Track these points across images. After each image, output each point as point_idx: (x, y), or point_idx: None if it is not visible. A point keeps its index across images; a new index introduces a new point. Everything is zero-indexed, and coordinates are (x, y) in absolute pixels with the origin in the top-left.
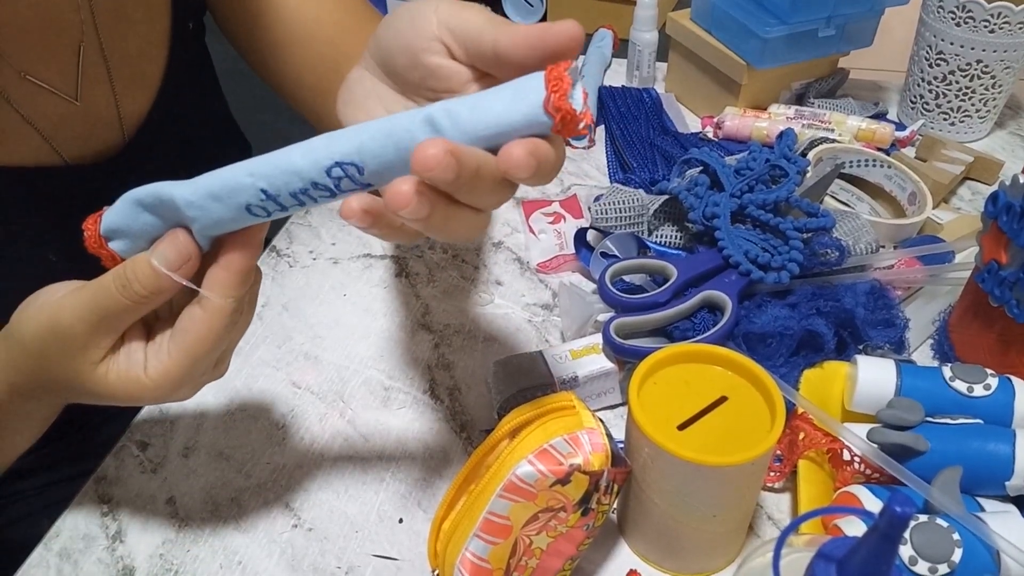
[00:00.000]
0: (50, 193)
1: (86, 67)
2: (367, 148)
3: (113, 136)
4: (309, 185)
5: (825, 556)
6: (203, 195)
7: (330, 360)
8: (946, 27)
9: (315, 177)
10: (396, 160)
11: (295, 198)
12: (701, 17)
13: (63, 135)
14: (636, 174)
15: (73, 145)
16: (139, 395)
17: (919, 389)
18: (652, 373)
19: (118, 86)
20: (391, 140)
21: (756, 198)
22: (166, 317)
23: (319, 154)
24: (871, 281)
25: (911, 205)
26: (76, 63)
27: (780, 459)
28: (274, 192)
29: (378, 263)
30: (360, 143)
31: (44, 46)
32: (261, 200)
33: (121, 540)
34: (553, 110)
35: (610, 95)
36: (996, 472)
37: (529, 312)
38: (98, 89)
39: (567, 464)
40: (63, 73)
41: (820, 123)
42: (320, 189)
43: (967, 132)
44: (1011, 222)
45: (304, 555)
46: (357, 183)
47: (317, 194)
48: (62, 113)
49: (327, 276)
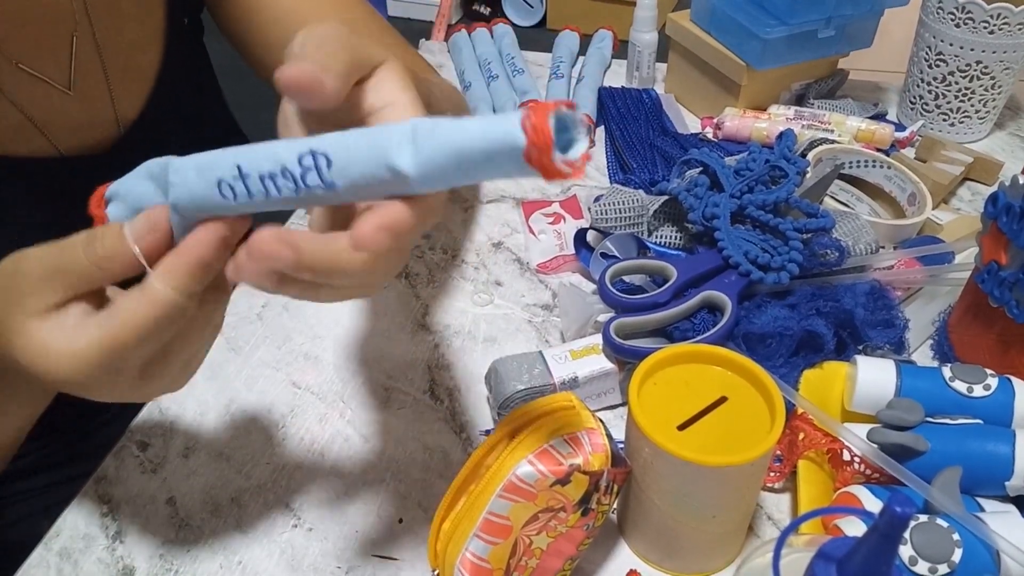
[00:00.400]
0: (46, 185)
1: (79, 58)
2: (341, 142)
3: (108, 128)
4: (278, 170)
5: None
6: (191, 164)
7: (330, 361)
8: (946, 28)
9: (286, 161)
10: (367, 158)
11: (262, 183)
12: (701, 18)
13: (57, 126)
14: (636, 175)
15: (68, 136)
16: (44, 367)
17: (919, 389)
18: (652, 373)
19: (112, 78)
20: (366, 138)
21: (756, 199)
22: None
23: (299, 143)
24: (871, 282)
25: (911, 206)
26: (69, 54)
27: (780, 459)
28: (246, 170)
29: None
30: (338, 138)
31: (38, 36)
32: (233, 177)
33: (121, 540)
34: (530, 128)
35: (610, 96)
36: (996, 472)
37: (529, 312)
38: (92, 80)
39: (567, 464)
40: (57, 63)
41: (820, 124)
42: (286, 178)
43: (967, 133)
44: (1011, 223)
45: (304, 555)
46: (323, 180)
47: (283, 184)
48: (56, 104)
49: None
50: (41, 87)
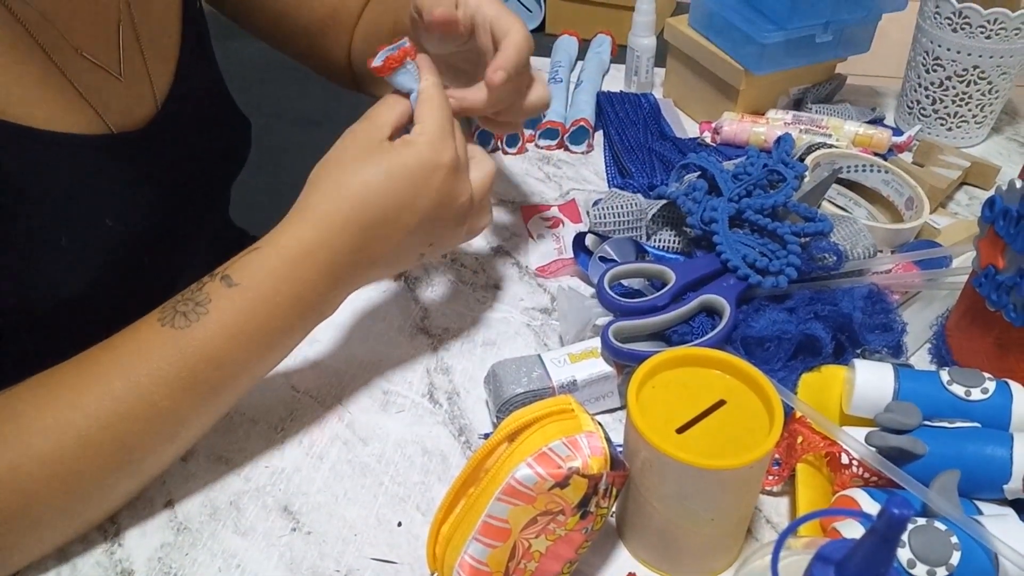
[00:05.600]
0: (103, 161)
1: (125, 44)
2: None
3: (148, 107)
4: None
5: (823, 558)
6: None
7: (329, 364)
8: (943, 33)
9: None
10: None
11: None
12: (699, 23)
13: (109, 106)
14: (634, 179)
15: (117, 116)
16: (416, 153)
17: (917, 393)
18: (651, 377)
19: (148, 61)
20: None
21: (754, 203)
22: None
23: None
24: (869, 285)
25: (908, 210)
26: (117, 41)
27: (778, 463)
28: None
29: None
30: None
31: (92, 26)
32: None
33: (120, 543)
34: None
35: (608, 100)
36: (994, 476)
37: (528, 316)
38: (135, 64)
39: (566, 467)
40: (108, 50)
41: (818, 128)
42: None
43: (964, 137)
44: (1008, 227)
45: (303, 559)
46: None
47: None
48: (110, 87)
49: None
50: (99, 73)
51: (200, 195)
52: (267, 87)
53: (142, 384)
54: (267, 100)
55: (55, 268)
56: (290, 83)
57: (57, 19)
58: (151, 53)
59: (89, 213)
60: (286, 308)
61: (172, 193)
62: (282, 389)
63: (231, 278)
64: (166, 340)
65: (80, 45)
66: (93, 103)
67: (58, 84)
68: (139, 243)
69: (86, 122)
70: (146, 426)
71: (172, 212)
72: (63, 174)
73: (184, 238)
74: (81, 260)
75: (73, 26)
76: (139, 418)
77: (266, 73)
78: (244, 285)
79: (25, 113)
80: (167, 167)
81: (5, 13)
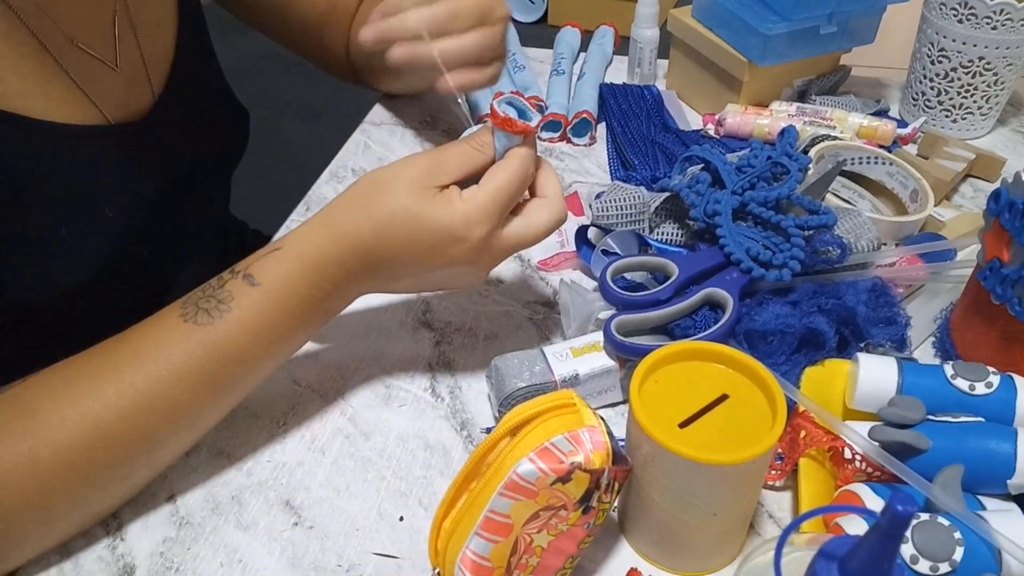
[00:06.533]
0: (101, 152)
1: (120, 35)
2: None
3: (145, 99)
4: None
5: (826, 555)
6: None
7: (331, 358)
8: (948, 24)
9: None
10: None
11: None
12: (702, 14)
13: (106, 98)
14: (637, 171)
15: (114, 107)
16: (450, 217)
17: (921, 387)
18: (653, 371)
19: (145, 54)
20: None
21: (757, 195)
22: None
23: None
24: (873, 279)
25: (913, 203)
26: (113, 32)
27: (781, 457)
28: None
29: None
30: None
31: (87, 17)
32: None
33: (122, 538)
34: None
35: (611, 92)
36: (998, 470)
37: (530, 310)
38: (131, 56)
39: (568, 462)
40: (104, 42)
41: (822, 120)
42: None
43: (969, 129)
44: (1013, 220)
45: (305, 553)
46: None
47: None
48: (106, 78)
49: None
50: (95, 64)
51: (199, 186)
52: (266, 79)
53: (163, 378)
54: (267, 92)
55: (55, 259)
56: (289, 75)
57: (51, 10)
58: (147, 44)
59: (88, 204)
60: (303, 310)
61: (171, 184)
62: (284, 383)
63: (253, 277)
64: (189, 336)
65: (75, 36)
66: (90, 94)
67: (54, 75)
68: (139, 234)
69: (83, 113)
70: (165, 419)
71: (171, 203)
72: (61, 165)
73: (184, 229)
74: (81, 251)
75: (68, 17)
76: (158, 411)
77: (266, 65)
78: (266, 286)
79: (21, 104)
80: (166, 158)
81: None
